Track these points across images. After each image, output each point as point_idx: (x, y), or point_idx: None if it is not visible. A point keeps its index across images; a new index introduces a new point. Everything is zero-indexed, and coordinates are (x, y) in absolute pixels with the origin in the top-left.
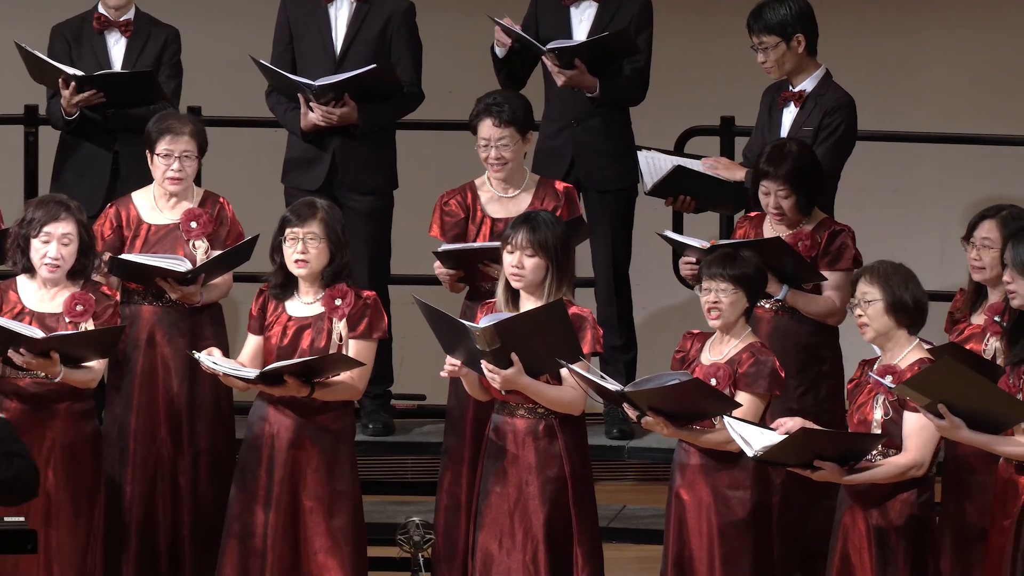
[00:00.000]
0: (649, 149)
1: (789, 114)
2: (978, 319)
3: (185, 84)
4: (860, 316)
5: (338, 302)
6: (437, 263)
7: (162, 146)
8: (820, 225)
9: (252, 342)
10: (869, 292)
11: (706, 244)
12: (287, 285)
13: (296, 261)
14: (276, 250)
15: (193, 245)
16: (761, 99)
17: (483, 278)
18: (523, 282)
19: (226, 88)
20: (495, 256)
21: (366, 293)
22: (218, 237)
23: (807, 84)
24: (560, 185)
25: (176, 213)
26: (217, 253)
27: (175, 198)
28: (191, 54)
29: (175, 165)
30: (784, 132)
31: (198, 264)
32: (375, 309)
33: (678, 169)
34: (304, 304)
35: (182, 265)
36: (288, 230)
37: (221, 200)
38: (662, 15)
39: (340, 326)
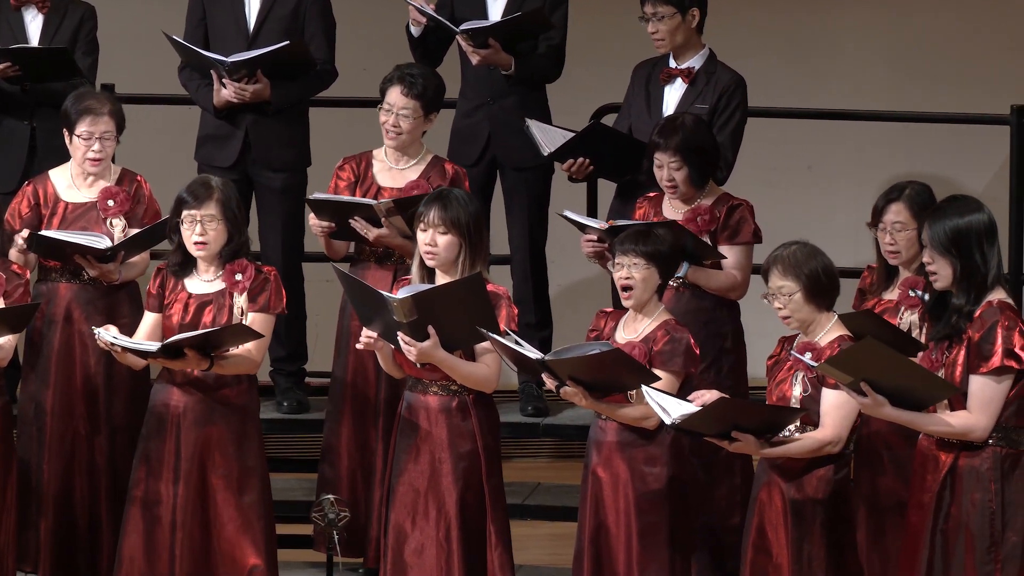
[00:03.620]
0: (536, 121)
1: (675, 91)
2: (890, 295)
3: (100, 61)
4: (780, 309)
5: (238, 277)
6: (312, 215)
7: (82, 127)
8: (718, 200)
9: (150, 319)
10: (785, 286)
11: (604, 225)
12: (186, 264)
13: (196, 244)
14: (174, 230)
15: (110, 223)
16: (633, 75)
17: (356, 235)
18: (437, 260)
19: (139, 65)
20: (365, 214)
21: (266, 268)
22: (135, 215)
23: (695, 61)
24: (450, 166)
25: (94, 191)
26: (136, 231)
27: (92, 176)
28: (104, 31)
29: (95, 146)
30: (671, 108)
31: (115, 242)
32: (275, 284)
33: (596, 126)
34: (204, 281)
35: (102, 242)
36: (185, 212)
37: (138, 178)
38: None
39: (240, 300)
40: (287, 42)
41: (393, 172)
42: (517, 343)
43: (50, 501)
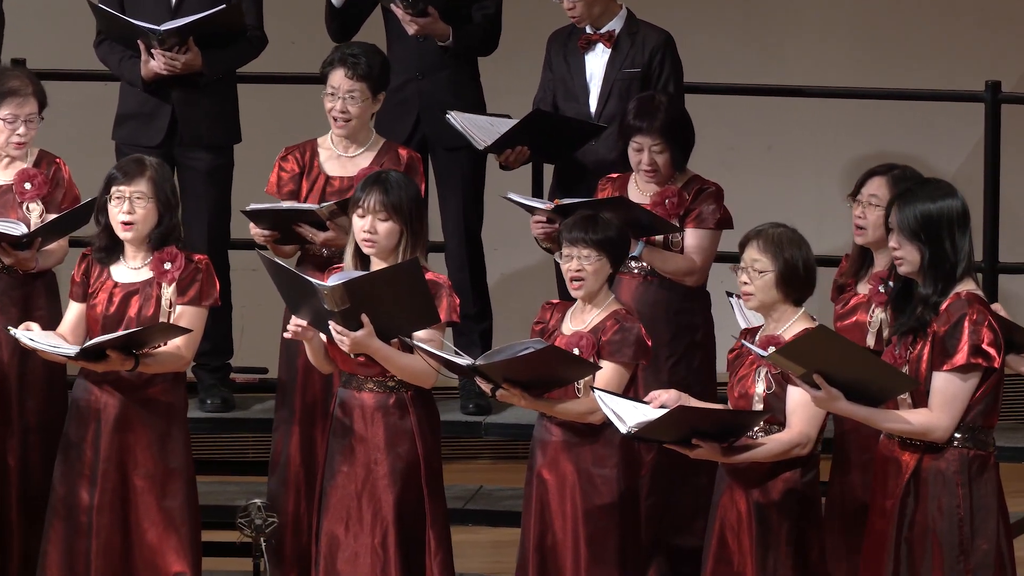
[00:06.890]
0: (458, 113)
1: (597, 57)
2: (864, 288)
3: (9, 35)
4: (746, 284)
5: (167, 266)
6: (252, 223)
7: (6, 110)
8: (688, 183)
9: (74, 309)
10: (760, 261)
11: (550, 204)
12: (113, 249)
13: (122, 223)
14: (101, 210)
15: (27, 208)
16: (548, 44)
17: (301, 240)
18: (376, 248)
19: (50, 38)
20: (308, 219)
21: (197, 257)
22: (53, 200)
23: (614, 24)
24: (404, 151)
25: (9, 174)
26: (54, 216)
27: (9, 158)
28: (14, 3)
29: (20, 129)
30: (596, 76)
31: (32, 228)
32: (207, 274)
33: (537, 112)
34: (131, 269)
35: (17, 229)
36: (114, 188)
37: (58, 160)
38: None
39: (169, 291)
40: (223, 6)
41: (342, 160)
42: (451, 352)
43: None
